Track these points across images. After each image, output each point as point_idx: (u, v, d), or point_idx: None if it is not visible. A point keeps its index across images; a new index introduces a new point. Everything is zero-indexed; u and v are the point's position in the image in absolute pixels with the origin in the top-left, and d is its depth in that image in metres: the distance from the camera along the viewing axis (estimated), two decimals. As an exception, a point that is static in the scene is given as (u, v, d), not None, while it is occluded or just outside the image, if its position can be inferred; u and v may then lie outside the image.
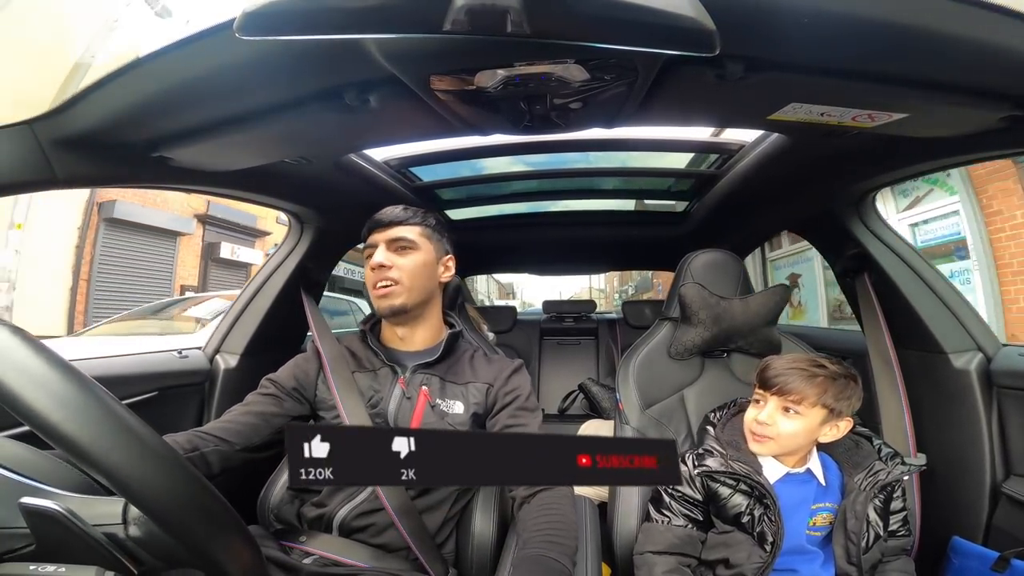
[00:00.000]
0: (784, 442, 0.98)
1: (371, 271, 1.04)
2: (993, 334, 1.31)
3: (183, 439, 0.89)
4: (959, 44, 0.63)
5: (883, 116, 0.84)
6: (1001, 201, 4.65)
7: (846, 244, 1.48)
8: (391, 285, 1.03)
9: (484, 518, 1.05)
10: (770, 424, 0.98)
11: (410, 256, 1.05)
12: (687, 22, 0.51)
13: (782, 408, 0.98)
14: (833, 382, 0.96)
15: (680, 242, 2.22)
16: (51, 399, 0.43)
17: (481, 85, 0.76)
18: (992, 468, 1.20)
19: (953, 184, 4.89)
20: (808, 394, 0.95)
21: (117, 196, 8.25)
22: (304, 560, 0.92)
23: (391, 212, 1.07)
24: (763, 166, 1.37)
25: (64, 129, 0.80)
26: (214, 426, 0.96)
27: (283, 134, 0.95)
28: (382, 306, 1.04)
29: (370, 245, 1.07)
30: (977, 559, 1.12)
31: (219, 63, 0.70)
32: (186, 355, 1.47)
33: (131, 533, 0.50)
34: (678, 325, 1.38)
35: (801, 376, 0.96)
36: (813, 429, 0.98)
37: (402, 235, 1.05)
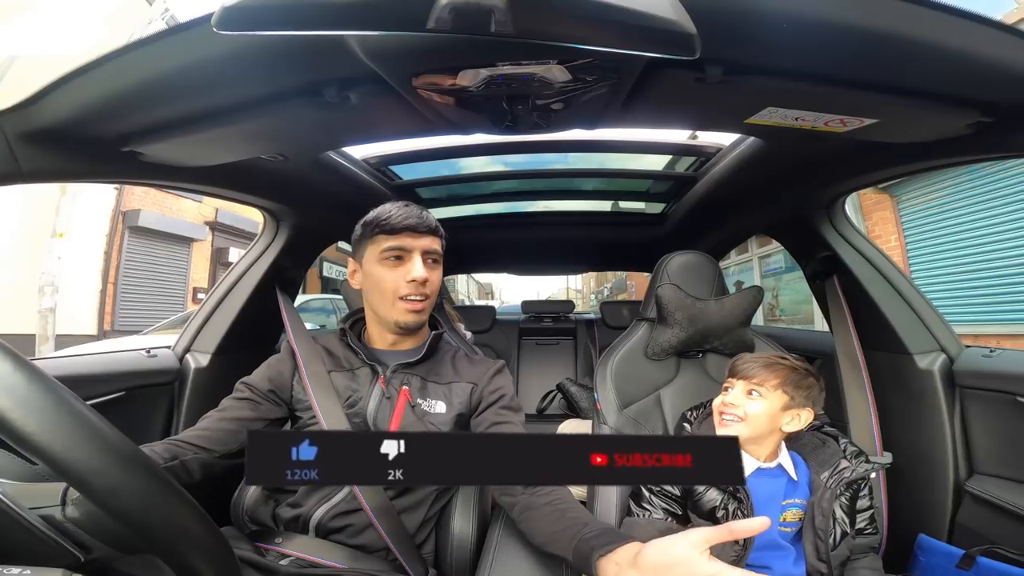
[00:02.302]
0: (752, 423, 1.04)
1: (407, 283, 0.99)
2: (956, 336, 1.35)
3: (161, 448, 0.87)
4: (930, 51, 0.66)
5: (855, 121, 0.86)
6: (881, 227, 6.26)
7: (817, 247, 1.52)
8: (425, 300, 1.02)
9: (464, 518, 1.05)
10: (737, 405, 1.05)
11: (437, 271, 1.04)
12: (669, 25, 0.51)
13: (747, 392, 1.06)
14: (793, 371, 1.06)
15: (658, 243, 2.24)
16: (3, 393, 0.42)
17: (463, 84, 0.76)
18: (956, 467, 1.24)
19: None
20: (770, 379, 1.04)
21: (140, 205, 9.22)
22: (280, 562, 0.90)
23: (425, 217, 1.02)
24: (739, 169, 1.39)
25: (31, 123, 0.77)
26: (191, 434, 0.94)
27: (260, 130, 0.93)
28: (411, 320, 1.02)
29: (397, 248, 1.00)
30: (943, 556, 1.15)
31: (195, 57, 0.68)
32: (155, 354, 1.43)
33: (68, 514, 0.48)
34: (655, 326, 1.40)
35: (764, 364, 1.06)
36: (775, 413, 1.04)
37: (435, 248, 1.03)
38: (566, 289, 21.22)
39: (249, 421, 0.99)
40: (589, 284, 24.79)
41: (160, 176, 1.04)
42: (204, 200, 9.98)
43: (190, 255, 10.41)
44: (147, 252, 9.51)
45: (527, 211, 2.36)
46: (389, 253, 1.00)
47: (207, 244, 10.78)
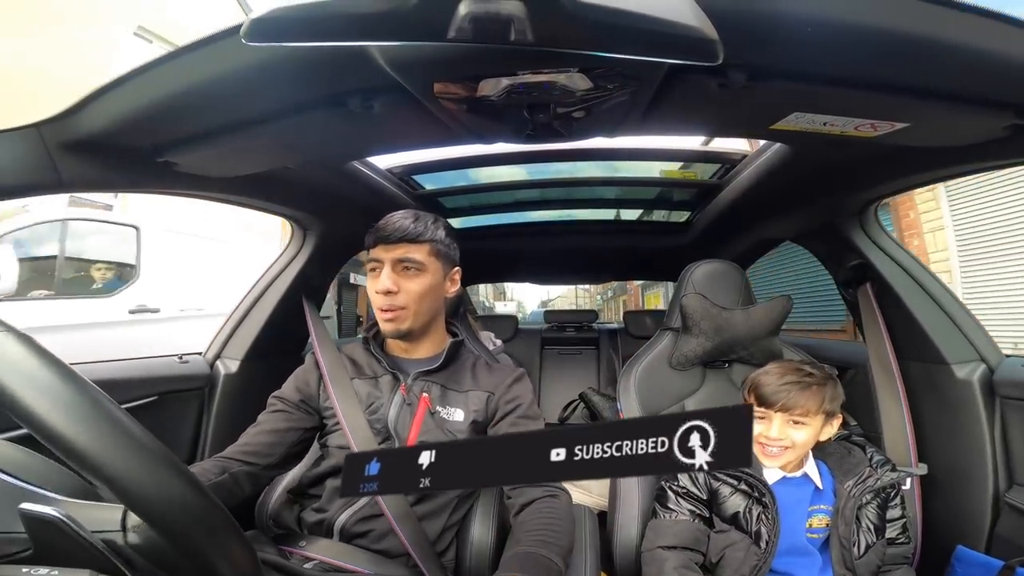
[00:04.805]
0: (800, 449, 1.03)
1: (376, 293, 1.01)
2: (995, 344, 1.30)
3: (210, 465, 0.91)
4: (962, 53, 0.63)
5: (886, 126, 0.84)
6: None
7: (848, 254, 1.48)
8: (398, 310, 1.01)
9: (483, 526, 1.05)
10: (783, 439, 1.01)
11: (417, 280, 1.01)
12: (690, 31, 0.51)
13: (791, 422, 1.02)
14: (823, 387, 1.03)
15: (682, 252, 2.21)
16: (52, 404, 0.43)
17: (484, 93, 0.77)
18: (995, 478, 1.19)
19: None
20: (811, 406, 1.01)
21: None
22: (304, 565, 0.92)
23: (398, 225, 1.00)
24: (765, 176, 1.37)
25: (71, 132, 0.80)
26: (235, 450, 0.98)
27: (287, 140, 0.95)
28: (387, 330, 1.03)
29: (374, 260, 1.02)
30: (981, 568, 1.11)
31: (225, 69, 0.70)
32: (187, 360, 1.47)
33: (130, 540, 0.50)
34: (679, 335, 1.38)
35: (798, 389, 1.01)
36: (817, 432, 1.03)
37: (409, 256, 1.00)
38: (574, 288, 21.43)
39: (284, 432, 1.02)
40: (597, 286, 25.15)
41: (192, 186, 1.08)
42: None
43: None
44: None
45: (550, 220, 2.36)
46: (369, 265, 1.03)
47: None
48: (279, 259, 1.61)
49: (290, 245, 1.60)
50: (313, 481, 1.03)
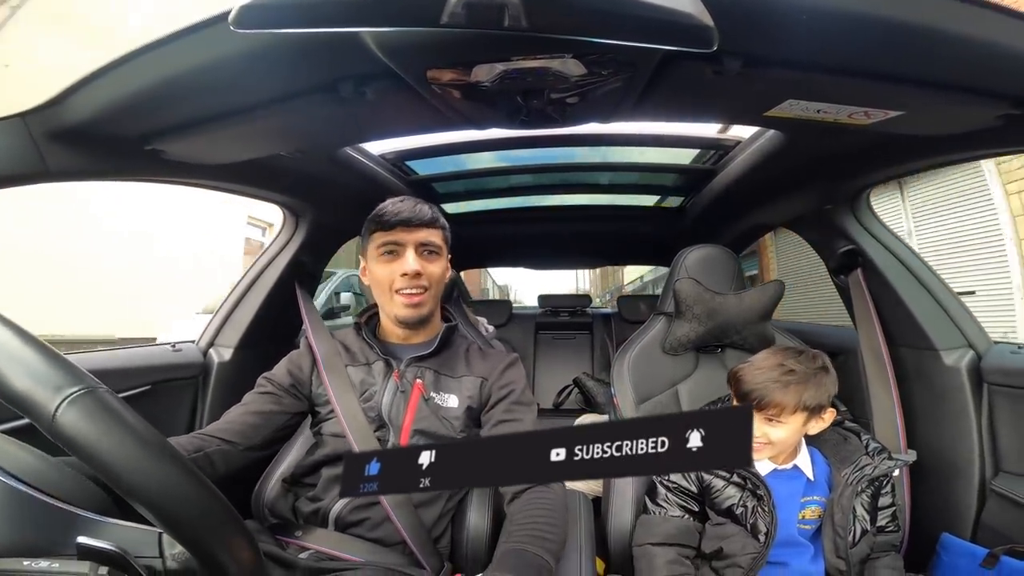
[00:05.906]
0: (779, 446, 1.01)
1: (400, 276, 1.00)
2: (984, 331, 1.31)
3: (186, 441, 0.90)
4: (956, 42, 0.63)
5: (879, 113, 0.84)
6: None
7: (839, 240, 1.49)
8: (422, 293, 1.01)
9: (479, 513, 1.06)
10: (759, 436, 0.99)
11: (437, 263, 1.04)
12: (685, 17, 0.50)
13: (765, 419, 0.99)
14: (806, 384, 0.97)
15: (676, 237, 2.22)
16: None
17: (478, 79, 0.76)
18: (982, 465, 1.21)
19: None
20: (786, 404, 0.96)
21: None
22: (300, 555, 0.92)
23: (419, 210, 1.01)
24: (759, 162, 1.37)
25: (57, 122, 0.79)
26: (216, 427, 0.97)
27: (278, 127, 0.94)
28: (410, 315, 1.02)
29: (393, 243, 1.01)
30: (966, 556, 1.12)
31: (214, 56, 0.69)
32: (180, 348, 1.46)
33: (168, 566, 0.51)
34: (672, 320, 1.38)
35: (775, 387, 0.97)
36: (799, 429, 1.00)
37: (431, 240, 1.02)
38: (575, 289, 21.40)
39: (270, 415, 1.01)
40: (597, 285, 25.01)
41: (182, 174, 1.06)
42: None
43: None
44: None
45: (544, 205, 2.35)
46: (384, 248, 1.01)
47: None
48: (271, 247, 1.60)
49: (282, 232, 1.59)
50: (308, 470, 1.03)
